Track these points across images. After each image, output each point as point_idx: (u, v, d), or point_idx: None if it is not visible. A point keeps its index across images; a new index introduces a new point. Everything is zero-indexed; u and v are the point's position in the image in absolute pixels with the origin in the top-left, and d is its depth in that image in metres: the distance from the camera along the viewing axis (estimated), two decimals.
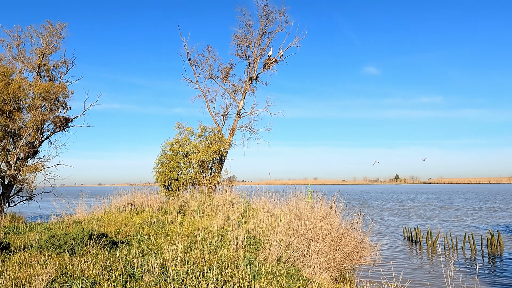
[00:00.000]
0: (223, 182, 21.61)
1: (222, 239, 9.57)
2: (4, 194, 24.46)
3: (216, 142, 21.51)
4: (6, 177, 24.30)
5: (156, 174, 20.91)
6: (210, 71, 26.41)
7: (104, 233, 9.29)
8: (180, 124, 21.79)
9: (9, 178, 24.47)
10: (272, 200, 16.17)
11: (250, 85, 26.84)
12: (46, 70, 27.67)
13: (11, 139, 25.08)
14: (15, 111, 24.42)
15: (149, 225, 12.37)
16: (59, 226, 12.78)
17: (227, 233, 9.98)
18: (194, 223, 12.30)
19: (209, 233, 10.14)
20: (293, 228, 9.55)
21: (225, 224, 11.93)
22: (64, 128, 27.17)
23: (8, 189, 24.73)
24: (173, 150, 21.07)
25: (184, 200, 16.67)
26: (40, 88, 25.07)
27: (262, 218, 11.53)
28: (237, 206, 14.85)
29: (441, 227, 27.92)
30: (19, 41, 27.31)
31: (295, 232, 9.51)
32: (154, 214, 14.04)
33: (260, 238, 9.98)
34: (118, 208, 16.30)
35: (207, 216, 14.37)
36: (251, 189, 17.96)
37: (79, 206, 17.03)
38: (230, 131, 24.96)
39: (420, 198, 73.40)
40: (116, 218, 13.80)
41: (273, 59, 27.13)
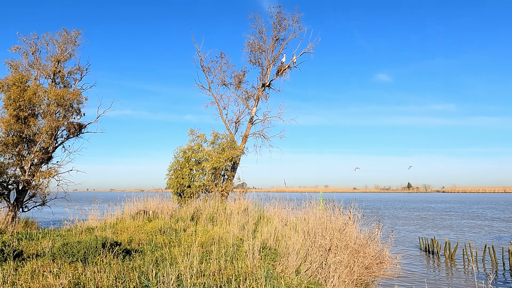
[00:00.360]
0: (235, 189, 21.36)
1: (238, 249, 9.30)
2: (18, 199, 24.62)
3: (229, 149, 21.32)
4: (20, 182, 24.48)
5: (169, 181, 20.78)
6: (223, 78, 26.38)
7: (118, 241, 9.10)
8: (193, 131, 21.71)
9: (23, 184, 24.64)
10: (286, 209, 15.87)
11: (263, 92, 26.68)
12: (61, 77, 27.97)
13: (26, 145, 25.32)
14: (30, 117, 24.65)
15: (162, 233, 12.17)
16: (71, 233, 12.68)
17: (243, 243, 9.71)
18: (208, 231, 12.06)
19: (223, 243, 9.88)
20: (310, 239, 9.23)
21: (240, 233, 11.67)
22: (77, 134, 27.36)
23: (22, 194, 24.89)
24: (185, 156, 20.95)
25: (196, 208, 16.46)
26: (55, 94, 25.30)
27: (277, 227, 11.24)
28: (250, 214, 14.57)
29: (459, 237, 27.15)
30: (35, 48, 27.69)
31: (313, 243, 9.19)
32: (166, 222, 13.85)
33: (276, 248, 9.69)
34: (130, 215, 16.17)
35: (220, 224, 14.12)
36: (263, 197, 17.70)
37: (91, 213, 16.96)
38: (243, 138, 24.77)
39: (435, 207, 71.94)
40: (128, 225, 13.65)
41: (286, 66, 26.95)
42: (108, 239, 8.61)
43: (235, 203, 16.16)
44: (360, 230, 10.81)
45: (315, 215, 11.04)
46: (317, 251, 8.91)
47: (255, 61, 26.52)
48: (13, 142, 24.29)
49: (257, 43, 26.15)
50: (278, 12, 26.66)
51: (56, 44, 27.67)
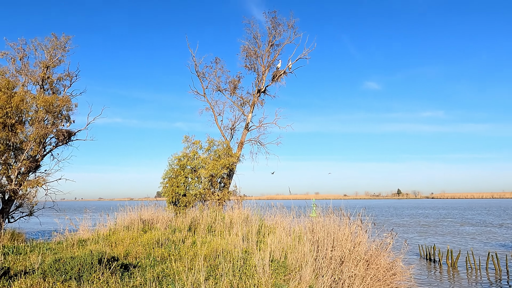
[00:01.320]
0: (231, 197, 20.73)
1: (245, 263, 8.68)
2: (4, 210, 23.70)
3: (225, 156, 20.73)
4: (6, 192, 23.59)
5: (163, 189, 20.06)
6: (217, 84, 25.87)
7: (115, 256, 8.41)
8: (188, 138, 21.07)
9: (10, 193, 23.75)
10: (288, 217, 15.30)
11: (258, 98, 26.23)
12: (50, 83, 27.28)
13: (13, 153, 24.50)
14: (17, 124, 23.89)
15: (160, 245, 11.48)
16: (62, 246, 11.91)
17: (248, 256, 9.11)
18: (209, 243, 11.42)
19: (228, 255, 9.25)
20: (319, 250, 8.68)
21: (242, 244, 11.05)
22: (67, 142, 26.65)
23: (8, 204, 24.00)
24: (180, 164, 20.27)
25: (194, 217, 15.79)
26: (43, 100, 24.58)
27: (282, 237, 10.66)
28: (251, 223, 13.96)
29: (461, 244, 26.80)
30: (23, 54, 27.00)
31: (324, 255, 8.64)
32: (163, 233, 13.16)
33: (284, 261, 9.11)
34: (124, 225, 15.41)
35: (220, 234, 13.48)
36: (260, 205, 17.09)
37: (82, 223, 16.15)
38: (239, 144, 24.23)
39: (431, 213, 71.84)
40: (123, 236, 12.92)
41: (281, 71, 26.58)
42: (104, 253, 7.92)
43: (234, 212, 15.53)
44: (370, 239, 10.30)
45: (323, 224, 10.51)
46: (328, 264, 8.38)
47: (251, 67, 26.10)
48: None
49: (253, 48, 25.76)
50: (273, 17, 26.38)
51: (45, 50, 26.99)
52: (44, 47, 27.68)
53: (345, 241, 9.07)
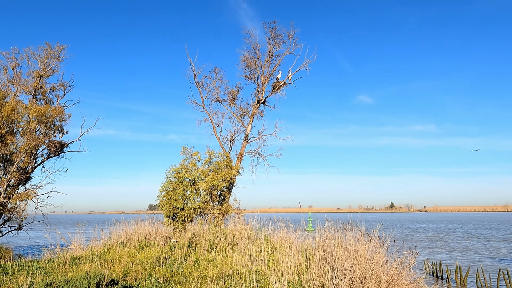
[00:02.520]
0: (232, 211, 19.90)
1: (258, 286, 7.88)
2: None
3: (225, 168, 19.97)
4: None
5: (160, 203, 19.16)
6: (216, 94, 25.25)
7: (114, 278, 7.57)
8: (186, 149, 20.28)
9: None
10: (294, 233, 14.55)
11: (258, 109, 25.65)
12: (43, 93, 26.55)
13: (2, 165, 23.60)
14: (7, 134, 23.06)
15: (160, 264, 10.62)
16: (53, 265, 10.98)
17: (260, 276, 8.32)
18: (213, 261, 10.60)
19: (237, 276, 8.45)
20: (338, 270, 7.92)
21: (248, 262, 10.24)
22: (59, 153, 25.82)
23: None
24: (178, 176, 19.44)
25: (194, 233, 14.93)
26: (36, 111, 23.82)
27: (293, 256, 9.90)
28: (255, 240, 13.17)
29: (469, 260, 25.94)
30: (15, 63, 26.35)
31: (344, 275, 7.90)
32: (162, 250, 12.29)
33: (299, 282, 8.34)
34: (119, 241, 14.50)
35: (222, 251, 12.66)
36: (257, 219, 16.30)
37: (75, 239, 15.20)
38: (238, 156, 23.49)
39: (432, 227, 70.80)
40: (119, 254, 12.03)
41: (281, 82, 26.09)
42: (102, 276, 7.10)
43: (237, 227, 14.71)
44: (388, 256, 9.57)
45: (336, 241, 9.78)
46: (350, 286, 7.63)
47: (251, 77, 25.58)
48: None
49: (252, 58, 25.30)
50: (273, 27, 26.02)
51: (39, 59, 26.35)
52: (37, 57, 27.03)
53: (365, 260, 8.35)
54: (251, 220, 16.14)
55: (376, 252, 8.92)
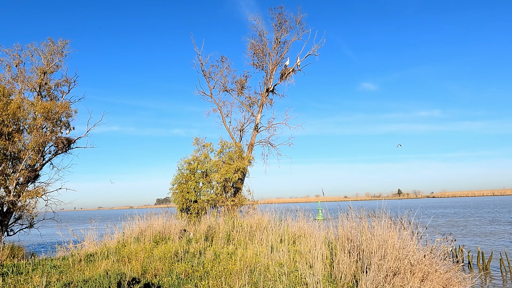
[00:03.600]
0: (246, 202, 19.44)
1: (288, 279, 7.40)
2: (3, 222, 22.49)
3: (238, 159, 19.46)
4: (4, 203, 22.40)
5: (173, 196, 18.74)
6: (224, 83, 24.66)
7: (136, 277, 7.11)
8: (198, 140, 19.78)
9: (8, 205, 22.56)
10: (310, 222, 14.06)
11: (267, 97, 25.05)
12: (47, 90, 26.23)
13: (10, 163, 23.38)
14: (14, 132, 22.78)
15: (178, 259, 10.20)
16: (68, 263, 10.61)
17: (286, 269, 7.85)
18: (233, 254, 10.16)
19: (263, 270, 7.97)
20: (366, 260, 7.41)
21: (272, 254, 9.76)
22: (66, 150, 25.57)
23: (6, 216, 22.82)
24: (191, 168, 18.98)
25: (209, 225, 14.50)
26: (42, 107, 23.48)
27: (317, 246, 9.41)
28: (274, 231, 12.71)
29: (493, 245, 25.15)
30: (18, 60, 26.00)
31: (378, 266, 7.38)
32: (179, 244, 11.88)
33: (329, 274, 7.87)
34: (134, 236, 14.12)
35: (241, 244, 12.21)
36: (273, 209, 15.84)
37: (88, 235, 14.85)
38: (248, 146, 22.98)
39: (447, 212, 69.74)
40: (135, 249, 11.63)
41: (290, 69, 25.41)
42: (123, 275, 6.65)
43: (253, 218, 14.25)
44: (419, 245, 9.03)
45: (363, 230, 9.28)
46: (385, 278, 7.12)
47: (259, 65, 24.92)
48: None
49: (260, 45, 24.61)
50: (279, 13, 25.26)
51: (42, 55, 25.96)
52: (40, 52, 26.65)
53: (397, 249, 7.83)
54: (265, 210, 15.69)
55: (408, 240, 8.39)
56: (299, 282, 6.95)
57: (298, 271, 7.38)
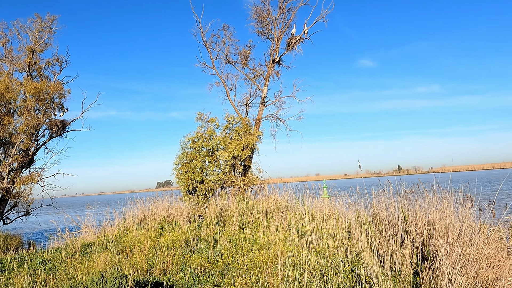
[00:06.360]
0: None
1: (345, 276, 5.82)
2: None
3: (246, 134, 17.82)
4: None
5: (177, 176, 17.20)
6: (227, 54, 22.77)
7: (141, 281, 5.52)
8: (202, 115, 18.06)
9: (2, 192, 21.25)
10: (333, 201, 12.56)
11: (273, 69, 23.21)
12: (38, 70, 24.51)
13: (2, 148, 21.92)
14: (4, 115, 21.23)
15: (190, 248, 8.71)
16: (60, 256, 9.14)
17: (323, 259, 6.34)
18: (253, 240, 8.68)
19: (297, 261, 6.45)
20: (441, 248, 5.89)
21: (301, 240, 8.25)
22: (61, 133, 24.07)
23: (1, 204, 21.56)
24: (195, 146, 17.36)
25: (221, 208, 13.03)
26: (32, 87, 21.84)
27: (353, 228, 7.92)
28: (294, 212, 11.24)
29: None
30: (5, 39, 24.14)
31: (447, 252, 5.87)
32: (188, 230, 10.40)
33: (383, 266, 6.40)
34: (136, 222, 12.65)
35: (256, 227, 10.74)
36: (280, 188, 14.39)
37: (85, 222, 13.40)
38: (256, 122, 21.32)
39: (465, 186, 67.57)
40: (138, 238, 10.16)
41: (297, 38, 23.42)
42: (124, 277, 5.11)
43: (270, 199, 12.75)
44: None
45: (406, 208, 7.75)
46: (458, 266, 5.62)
47: (264, 33, 22.95)
48: None
49: (266, 10, 22.58)
50: None
51: (29, 32, 24.09)
52: (28, 30, 24.76)
53: (457, 231, 6.31)
54: (276, 190, 14.22)
55: (467, 220, 6.86)
56: (356, 280, 5.41)
57: (343, 262, 5.89)
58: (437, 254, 5.84)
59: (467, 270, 5.40)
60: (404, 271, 5.90)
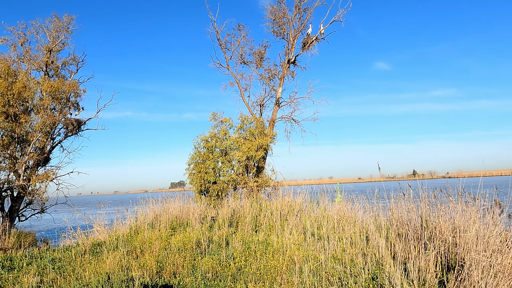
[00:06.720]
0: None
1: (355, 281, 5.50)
2: (13, 208, 21.49)
3: (260, 135, 17.54)
4: (14, 188, 21.35)
5: (189, 176, 17.01)
6: (241, 54, 22.54)
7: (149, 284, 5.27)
8: (215, 115, 17.86)
9: (18, 190, 21.50)
10: (349, 204, 12.16)
11: (288, 69, 22.88)
12: (55, 69, 24.81)
13: (19, 146, 22.20)
14: (21, 113, 21.48)
15: (201, 250, 8.47)
16: (70, 255, 9.01)
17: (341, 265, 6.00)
18: (266, 244, 8.37)
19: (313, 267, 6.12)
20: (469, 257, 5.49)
21: (316, 244, 7.92)
22: (76, 131, 24.28)
23: (17, 202, 21.78)
24: (208, 146, 17.16)
25: (233, 209, 12.76)
26: (48, 86, 22.09)
27: (371, 234, 7.54)
28: (309, 215, 10.89)
29: None
30: (24, 39, 24.48)
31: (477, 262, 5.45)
32: (200, 231, 10.16)
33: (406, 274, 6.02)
34: (147, 222, 12.49)
35: (269, 230, 10.44)
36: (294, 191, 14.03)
37: (97, 221, 13.32)
38: (270, 122, 21.02)
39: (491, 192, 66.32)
40: (149, 238, 9.97)
41: (313, 38, 23.04)
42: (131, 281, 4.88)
43: (284, 201, 12.43)
44: None
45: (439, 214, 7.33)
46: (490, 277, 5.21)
47: (279, 33, 22.66)
48: (3, 143, 21.07)
49: (282, 10, 22.29)
50: None
51: (47, 32, 24.40)
52: (45, 29, 25.08)
53: (492, 240, 5.87)
54: (289, 192, 13.87)
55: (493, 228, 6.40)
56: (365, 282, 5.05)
57: (364, 269, 5.54)
58: (465, 263, 5.44)
59: (498, 282, 4.98)
60: (429, 281, 5.51)
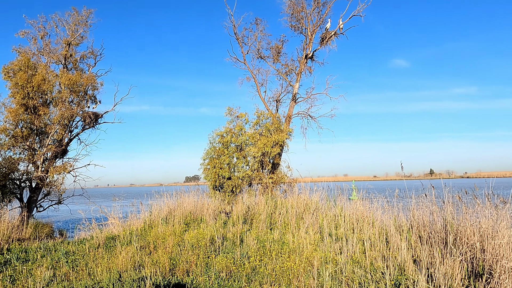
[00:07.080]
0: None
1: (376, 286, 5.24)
2: (32, 198, 21.91)
3: (276, 131, 17.29)
4: (33, 179, 21.74)
5: (204, 172, 16.91)
6: (258, 49, 22.25)
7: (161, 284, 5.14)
8: (231, 110, 17.67)
9: (36, 181, 21.88)
10: (367, 204, 11.80)
11: (305, 65, 22.49)
12: (73, 62, 25.07)
13: (37, 138, 22.56)
14: (40, 106, 21.83)
15: (215, 248, 8.32)
16: (84, 248, 8.99)
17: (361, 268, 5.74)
18: (282, 242, 8.15)
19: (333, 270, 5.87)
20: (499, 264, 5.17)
21: (333, 245, 7.66)
22: (94, 124, 24.55)
23: (36, 192, 22.18)
24: (223, 141, 17.01)
25: (248, 206, 12.58)
26: (67, 79, 22.35)
27: (391, 236, 7.23)
28: (325, 213, 10.62)
29: None
30: (44, 32, 24.77)
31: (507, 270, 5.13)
32: (214, 227, 10.02)
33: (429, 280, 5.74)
34: (161, 217, 12.43)
35: (284, 228, 10.21)
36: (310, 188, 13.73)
37: (112, 214, 13.34)
38: (286, 118, 20.73)
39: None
40: (162, 233, 9.88)
41: (331, 33, 22.56)
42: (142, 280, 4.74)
43: (299, 198, 12.17)
44: None
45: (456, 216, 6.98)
46: None
47: (297, 27, 22.26)
48: (22, 134, 21.41)
49: (300, 4, 21.89)
50: None
51: (66, 26, 24.63)
52: (65, 23, 25.33)
53: None
54: (305, 189, 13.58)
55: None
56: None
57: (384, 274, 5.28)
58: (495, 271, 5.11)
59: None
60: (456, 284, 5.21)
